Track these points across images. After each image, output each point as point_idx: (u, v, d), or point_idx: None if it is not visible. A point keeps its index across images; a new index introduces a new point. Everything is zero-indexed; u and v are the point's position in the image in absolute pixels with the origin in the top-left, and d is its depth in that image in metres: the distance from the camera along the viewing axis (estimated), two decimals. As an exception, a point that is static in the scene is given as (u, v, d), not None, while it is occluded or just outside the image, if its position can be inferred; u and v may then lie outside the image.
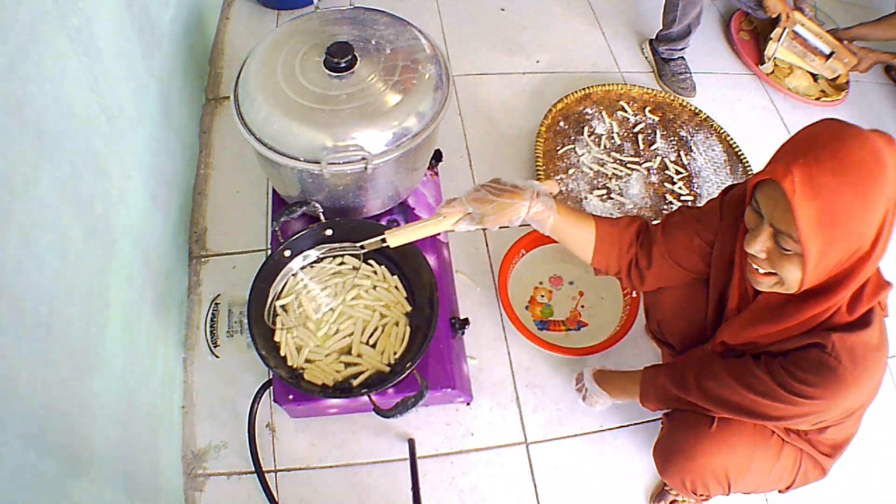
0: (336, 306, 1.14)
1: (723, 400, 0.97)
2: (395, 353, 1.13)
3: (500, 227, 0.97)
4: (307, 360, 1.11)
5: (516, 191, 0.94)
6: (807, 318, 0.86)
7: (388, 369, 1.11)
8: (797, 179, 0.74)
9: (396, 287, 1.21)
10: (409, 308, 1.19)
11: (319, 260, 1.19)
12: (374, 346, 1.14)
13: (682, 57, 2.02)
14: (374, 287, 1.19)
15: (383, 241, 0.98)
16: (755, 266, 0.86)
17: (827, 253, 0.77)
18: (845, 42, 2.05)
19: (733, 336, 0.99)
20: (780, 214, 0.78)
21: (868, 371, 0.84)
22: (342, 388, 1.08)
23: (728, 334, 0.99)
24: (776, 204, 0.78)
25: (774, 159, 0.81)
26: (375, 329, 1.15)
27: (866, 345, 0.84)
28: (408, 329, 1.16)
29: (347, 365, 1.12)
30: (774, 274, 0.84)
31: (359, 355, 1.13)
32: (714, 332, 1.04)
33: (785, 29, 2.01)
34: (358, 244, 1.03)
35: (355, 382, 1.09)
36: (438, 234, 1.00)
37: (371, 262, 1.23)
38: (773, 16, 2.00)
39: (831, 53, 2.01)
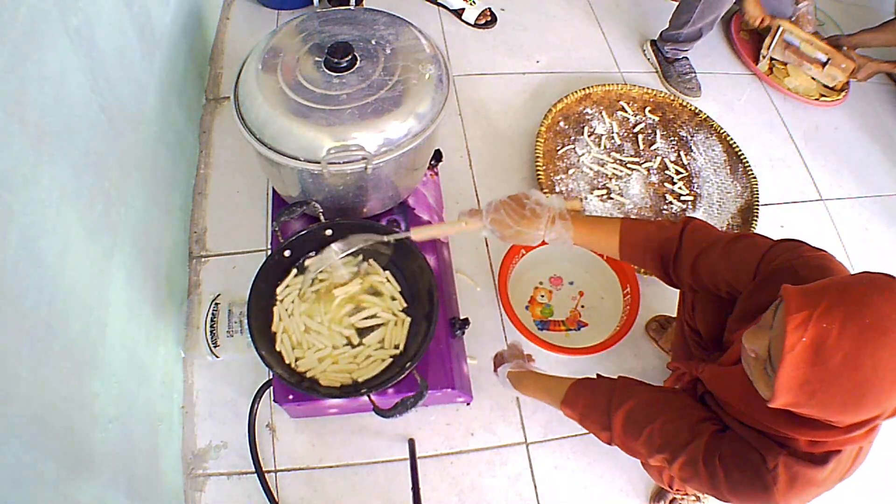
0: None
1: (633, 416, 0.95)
2: (396, 346, 1.13)
3: None
4: (308, 360, 1.11)
5: (535, 217, 1.01)
6: (766, 422, 0.81)
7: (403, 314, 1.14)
8: (806, 339, 0.65)
9: (388, 280, 1.21)
10: (404, 304, 1.19)
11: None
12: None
13: (686, 57, 2.02)
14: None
15: (409, 236, 1.08)
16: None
17: (797, 407, 0.71)
18: (844, 49, 2.05)
19: (709, 378, 0.95)
20: (777, 346, 0.69)
21: (799, 501, 0.81)
22: (342, 388, 1.08)
23: (707, 373, 0.96)
24: (782, 331, 0.69)
25: (810, 291, 0.69)
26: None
27: (811, 480, 0.79)
28: (408, 319, 1.16)
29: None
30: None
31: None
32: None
33: (774, 37, 2.01)
34: (386, 238, 1.12)
35: (361, 379, 1.09)
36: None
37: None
38: (755, 24, 2.02)
39: (827, 60, 2.01)
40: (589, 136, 1.82)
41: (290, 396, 1.17)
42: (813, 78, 2.09)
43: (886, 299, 0.66)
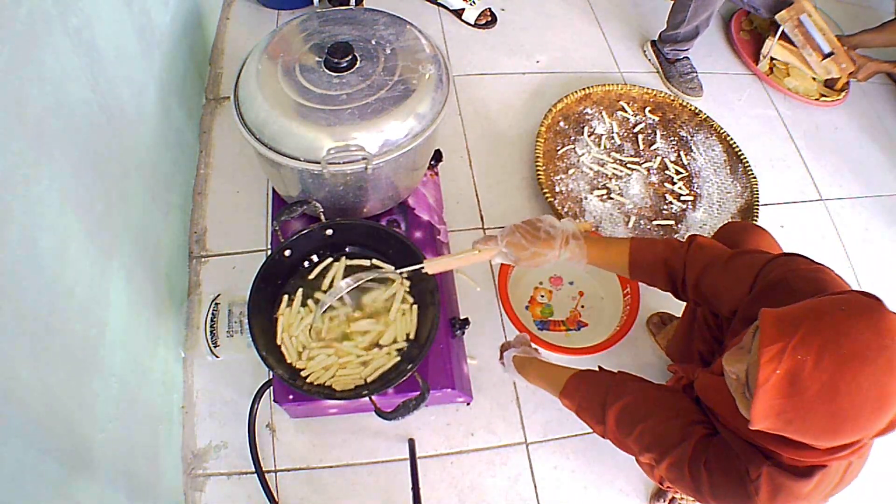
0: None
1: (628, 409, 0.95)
2: (407, 334, 1.13)
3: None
4: (310, 359, 1.11)
5: (550, 238, 1.03)
6: (750, 435, 0.81)
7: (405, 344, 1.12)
8: (780, 372, 0.64)
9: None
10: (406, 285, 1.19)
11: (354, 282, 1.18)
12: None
13: (687, 57, 2.02)
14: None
15: (422, 268, 1.07)
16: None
17: (776, 431, 0.71)
18: (845, 49, 2.05)
19: (700, 386, 0.95)
20: (752, 374, 0.68)
21: None
22: (343, 390, 1.08)
23: (699, 381, 0.96)
24: (757, 359, 0.68)
25: (786, 320, 0.67)
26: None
27: (793, 493, 0.78)
28: (415, 307, 1.16)
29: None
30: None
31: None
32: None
33: (790, 19, 1.97)
34: (398, 270, 1.11)
35: (369, 378, 1.09)
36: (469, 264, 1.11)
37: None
38: None
39: (830, 53, 2.01)
40: (589, 136, 1.82)
41: (290, 396, 1.17)
42: (813, 77, 2.09)
43: (866, 326, 0.64)
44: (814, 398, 0.64)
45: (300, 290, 1.17)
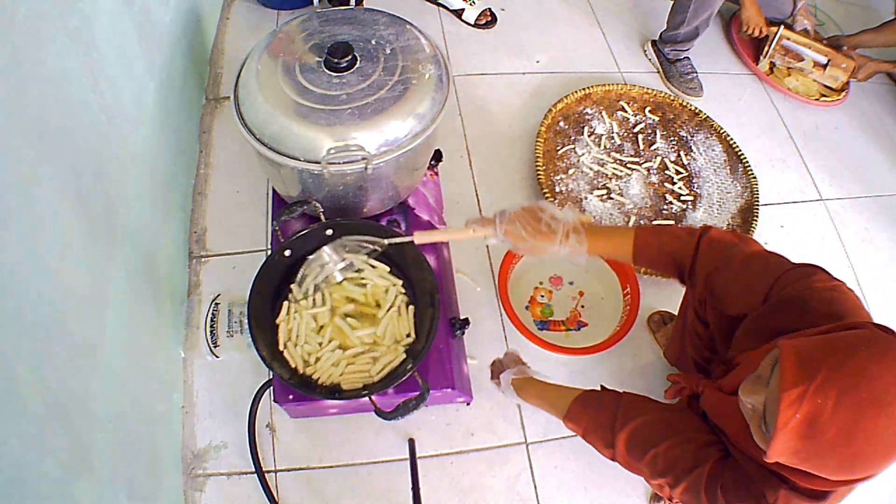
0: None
1: (639, 433, 0.94)
2: (406, 335, 1.13)
3: None
4: (316, 360, 1.11)
5: (550, 232, 1.01)
6: (762, 461, 0.80)
7: (404, 354, 1.11)
8: (799, 416, 0.65)
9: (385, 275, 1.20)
10: (401, 284, 1.18)
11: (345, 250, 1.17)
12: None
13: (688, 57, 2.02)
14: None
15: (412, 240, 1.06)
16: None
17: (791, 464, 0.71)
18: (844, 49, 2.05)
19: (710, 406, 0.94)
20: (771, 410, 0.68)
21: None
22: (343, 390, 1.08)
23: (707, 399, 0.95)
24: (776, 399, 0.67)
25: (806, 360, 0.67)
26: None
27: None
28: (412, 308, 1.16)
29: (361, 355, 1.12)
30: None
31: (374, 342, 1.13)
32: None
33: (772, 43, 2.02)
34: (385, 240, 1.10)
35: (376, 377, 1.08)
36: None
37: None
38: (755, 32, 2.02)
39: (828, 62, 2.01)
40: (589, 136, 1.82)
41: (290, 396, 1.17)
42: (815, 80, 2.09)
43: (886, 368, 0.64)
44: (832, 441, 0.65)
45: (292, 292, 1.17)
